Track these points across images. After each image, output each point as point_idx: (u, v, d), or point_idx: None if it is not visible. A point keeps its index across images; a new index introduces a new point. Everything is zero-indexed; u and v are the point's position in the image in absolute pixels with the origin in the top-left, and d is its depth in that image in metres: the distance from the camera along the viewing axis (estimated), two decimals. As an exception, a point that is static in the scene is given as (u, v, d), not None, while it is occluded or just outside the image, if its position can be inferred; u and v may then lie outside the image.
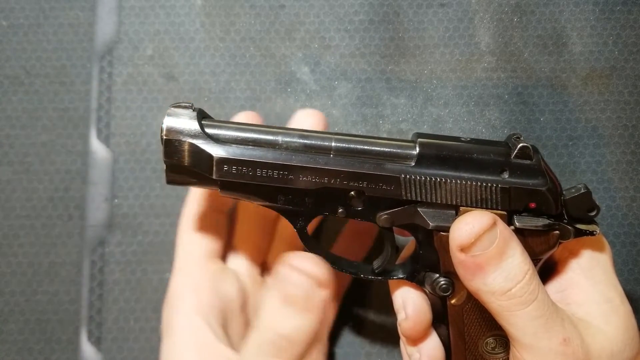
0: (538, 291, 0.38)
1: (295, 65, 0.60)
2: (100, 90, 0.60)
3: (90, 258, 0.58)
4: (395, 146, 0.41)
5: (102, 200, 0.58)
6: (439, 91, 0.59)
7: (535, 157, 0.41)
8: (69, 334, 0.57)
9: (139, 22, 0.61)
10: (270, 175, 0.40)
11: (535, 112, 0.58)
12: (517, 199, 0.40)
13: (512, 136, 0.42)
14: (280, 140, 0.41)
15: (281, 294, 0.41)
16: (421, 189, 0.41)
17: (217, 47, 0.60)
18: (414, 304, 0.44)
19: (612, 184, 0.57)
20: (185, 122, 0.40)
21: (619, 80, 0.59)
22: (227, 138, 0.41)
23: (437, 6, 0.60)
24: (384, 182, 0.41)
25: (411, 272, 0.44)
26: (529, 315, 0.37)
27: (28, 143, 0.59)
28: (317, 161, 0.40)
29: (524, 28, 0.60)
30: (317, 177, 0.40)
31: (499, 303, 0.38)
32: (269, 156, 0.40)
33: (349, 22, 0.60)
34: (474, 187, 0.40)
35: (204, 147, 0.40)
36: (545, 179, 0.41)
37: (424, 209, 0.41)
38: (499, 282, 0.37)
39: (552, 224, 0.40)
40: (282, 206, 0.42)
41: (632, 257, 0.56)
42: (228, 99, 0.59)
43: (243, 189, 0.41)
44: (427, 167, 0.41)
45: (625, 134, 0.58)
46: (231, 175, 0.40)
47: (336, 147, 0.41)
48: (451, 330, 0.43)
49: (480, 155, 0.41)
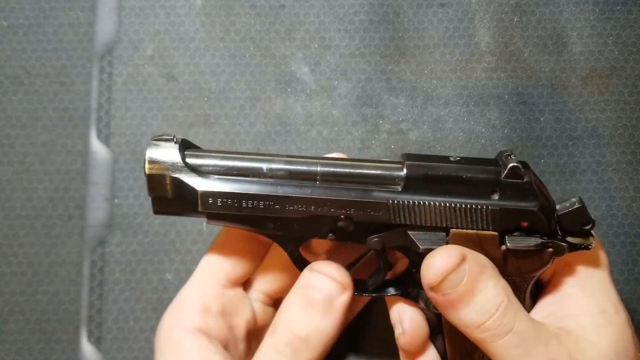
0: (515, 321, 0.37)
1: (295, 65, 0.60)
2: (100, 90, 0.60)
3: (90, 258, 0.58)
4: (381, 168, 0.40)
5: (102, 200, 0.58)
6: (439, 91, 0.59)
7: (526, 175, 0.40)
8: (69, 334, 0.57)
9: (139, 22, 0.61)
10: (257, 206, 0.40)
11: (535, 112, 0.58)
12: (508, 219, 0.40)
13: (503, 153, 0.41)
14: (265, 168, 0.40)
15: (303, 297, 0.41)
16: (410, 213, 0.40)
17: (217, 47, 0.60)
18: (410, 318, 0.44)
19: (612, 183, 0.57)
20: (167, 154, 0.39)
21: (619, 80, 0.59)
22: (210, 170, 0.40)
23: (437, 6, 0.60)
24: (372, 208, 0.40)
25: (405, 290, 0.44)
26: (506, 345, 0.37)
27: (28, 143, 0.59)
28: (304, 190, 0.40)
29: (524, 28, 0.60)
30: (303, 206, 0.40)
31: (475, 336, 0.38)
32: (254, 188, 0.39)
33: (349, 22, 0.60)
34: (464, 209, 0.40)
35: (188, 180, 0.39)
36: (537, 198, 0.40)
37: (413, 231, 0.40)
38: (472, 317, 0.38)
39: (544, 243, 0.40)
40: (271, 232, 0.41)
41: (632, 257, 0.56)
42: (228, 99, 0.59)
43: (230, 219, 0.41)
44: (415, 191, 0.40)
45: (625, 134, 0.58)
46: (217, 208, 0.40)
47: (322, 171, 0.40)
48: (447, 343, 0.43)
49: (470, 176, 0.40)
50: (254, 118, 0.59)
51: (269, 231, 0.41)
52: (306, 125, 0.59)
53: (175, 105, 0.59)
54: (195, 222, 0.57)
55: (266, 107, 0.59)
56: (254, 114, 0.59)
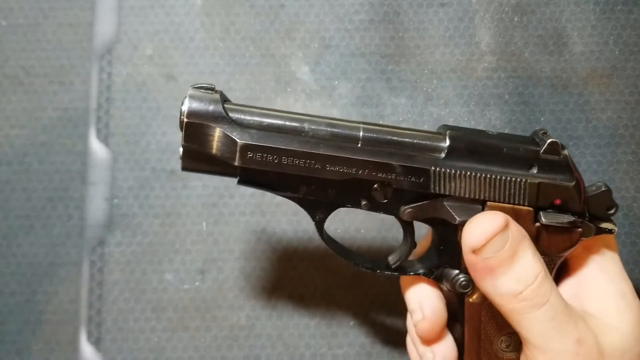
0: (551, 293, 0.37)
1: (295, 64, 0.60)
2: (100, 90, 0.60)
3: (89, 258, 0.57)
4: (424, 137, 0.40)
5: (101, 200, 0.58)
6: (440, 91, 0.59)
7: (562, 153, 0.40)
8: (68, 335, 0.57)
9: (139, 22, 0.60)
10: (296, 164, 0.38)
11: (535, 111, 0.58)
12: (544, 194, 0.40)
13: (539, 131, 0.42)
14: (307, 127, 0.39)
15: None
16: (450, 182, 0.40)
17: (217, 46, 0.60)
18: (432, 303, 0.43)
19: (612, 183, 0.57)
20: (208, 105, 0.38)
21: (619, 80, 0.58)
22: (251, 123, 0.39)
23: (437, 6, 0.60)
24: (414, 174, 0.39)
25: (430, 268, 0.43)
26: (541, 317, 0.37)
27: (27, 143, 0.59)
28: (346, 150, 0.39)
29: (525, 28, 0.59)
30: (345, 167, 0.39)
31: (510, 306, 0.37)
32: (296, 144, 0.38)
33: (349, 22, 0.60)
34: (503, 181, 0.39)
35: (228, 132, 0.38)
36: (572, 175, 0.40)
37: (450, 202, 0.40)
38: (510, 285, 0.37)
39: (576, 221, 0.40)
40: (303, 197, 0.40)
41: (632, 257, 0.56)
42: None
43: (264, 179, 0.39)
44: (457, 160, 0.40)
45: (626, 134, 0.58)
46: (255, 163, 0.38)
47: (364, 136, 0.39)
48: (467, 328, 0.43)
49: (509, 150, 0.40)
50: (254, 118, 0.59)
51: (301, 195, 0.40)
52: (306, 125, 0.59)
53: (175, 105, 0.59)
54: (195, 222, 0.57)
55: (266, 106, 0.59)
56: (253, 113, 0.59)
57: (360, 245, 0.57)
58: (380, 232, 0.57)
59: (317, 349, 0.56)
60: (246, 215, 0.58)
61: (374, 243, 0.57)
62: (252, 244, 0.57)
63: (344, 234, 0.57)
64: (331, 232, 0.57)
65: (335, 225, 0.57)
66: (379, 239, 0.57)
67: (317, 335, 0.56)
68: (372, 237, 0.57)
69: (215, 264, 0.57)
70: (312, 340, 0.56)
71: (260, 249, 0.57)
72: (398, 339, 0.46)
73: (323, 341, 0.56)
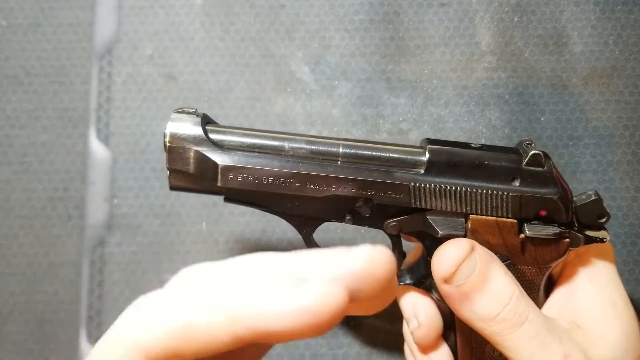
0: (528, 311, 0.37)
1: (295, 65, 0.60)
2: (100, 90, 0.60)
3: (89, 258, 0.57)
4: (404, 152, 0.41)
5: (101, 200, 0.58)
6: (440, 91, 0.59)
7: (546, 164, 0.40)
8: (68, 335, 0.57)
9: (139, 22, 0.60)
10: (277, 184, 0.39)
11: (535, 112, 0.58)
12: (528, 207, 0.40)
13: (523, 142, 0.42)
14: (287, 146, 0.40)
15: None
16: (431, 196, 0.40)
17: (217, 46, 0.60)
18: (426, 310, 0.43)
19: (612, 184, 0.57)
20: (189, 128, 0.39)
21: (619, 80, 0.58)
22: (232, 144, 0.40)
23: (437, 6, 0.60)
24: (393, 190, 0.40)
25: (419, 279, 0.43)
26: (522, 337, 0.37)
27: (27, 143, 0.59)
28: (325, 169, 0.40)
29: (525, 28, 0.59)
30: (325, 186, 0.40)
31: (490, 329, 0.37)
32: (276, 164, 0.39)
33: (349, 22, 0.60)
34: (485, 195, 0.40)
35: (209, 154, 0.39)
36: (557, 186, 0.40)
37: (433, 216, 0.40)
38: (487, 308, 0.37)
39: (562, 232, 0.40)
40: (289, 213, 0.41)
41: (632, 257, 0.56)
42: (228, 99, 0.59)
43: (248, 197, 0.40)
44: (437, 175, 0.40)
45: (626, 134, 0.58)
46: (237, 183, 0.39)
47: (344, 153, 0.40)
48: (458, 336, 0.43)
49: (491, 163, 0.40)
50: (254, 118, 0.59)
51: (285, 211, 0.41)
52: (306, 125, 0.59)
53: (174, 105, 0.59)
54: (195, 222, 0.57)
55: (266, 106, 0.59)
56: (253, 113, 0.59)
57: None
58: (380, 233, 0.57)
59: (317, 349, 0.56)
60: (246, 215, 0.57)
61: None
62: (252, 244, 0.57)
63: (344, 234, 0.57)
64: (331, 232, 0.57)
65: (335, 225, 0.57)
66: (379, 238, 0.57)
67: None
68: (372, 236, 0.57)
69: (215, 264, 0.57)
70: (311, 340, 0.56)
71: (260, 249, 0.57)
72: (398, 339, 0.46)
73: (323, 341, 0.56)
